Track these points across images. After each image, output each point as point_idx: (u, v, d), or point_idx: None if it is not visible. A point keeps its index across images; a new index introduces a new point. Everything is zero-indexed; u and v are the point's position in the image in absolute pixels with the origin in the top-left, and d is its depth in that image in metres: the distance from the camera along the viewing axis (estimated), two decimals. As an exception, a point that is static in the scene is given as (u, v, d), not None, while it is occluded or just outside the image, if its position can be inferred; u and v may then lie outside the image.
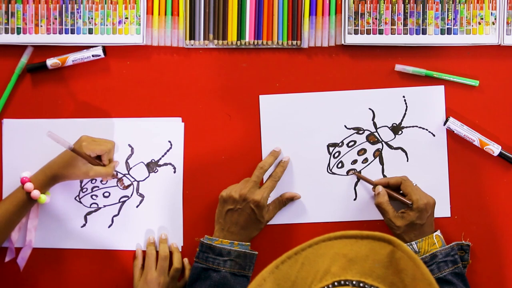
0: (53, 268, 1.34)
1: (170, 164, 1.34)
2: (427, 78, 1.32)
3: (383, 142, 1.33)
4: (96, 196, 1.34)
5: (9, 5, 1.32)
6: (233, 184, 1.29)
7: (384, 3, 1.32)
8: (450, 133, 1.32)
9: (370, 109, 1.33)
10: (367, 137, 1.33)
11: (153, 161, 1.34)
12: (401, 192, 1.29)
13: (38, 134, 1.33)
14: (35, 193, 1.24)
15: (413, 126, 1.33)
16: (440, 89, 1.33)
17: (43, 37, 1.33)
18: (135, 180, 1.34)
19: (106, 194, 1.34)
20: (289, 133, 1.33)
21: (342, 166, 1.33)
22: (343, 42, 1.32)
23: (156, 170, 1.34)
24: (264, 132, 1.34)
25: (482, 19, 1.31)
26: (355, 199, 1.34)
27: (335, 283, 0.77)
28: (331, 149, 1.33)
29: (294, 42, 1.33)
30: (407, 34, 1.32)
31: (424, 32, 1.32)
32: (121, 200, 1.34)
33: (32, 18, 1.32)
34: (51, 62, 1.31)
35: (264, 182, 1.31)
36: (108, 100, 1.34)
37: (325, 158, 1.34)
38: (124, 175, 1.34)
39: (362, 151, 1.34)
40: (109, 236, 1.34)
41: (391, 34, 1.32)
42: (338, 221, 1.34)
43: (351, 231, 0.83)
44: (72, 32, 1.33)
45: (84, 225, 1.34)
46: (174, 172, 1.34)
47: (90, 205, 1.34)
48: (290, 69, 1.34)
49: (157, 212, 1.34)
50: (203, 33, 1.34)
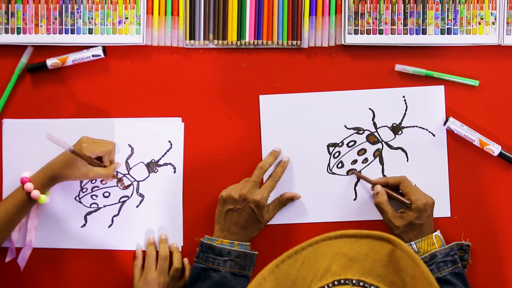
0: (53, 268, 1.34)
1: (170, 164, 1.34)
2: (427, 78, 1.32)
3: (383, 142, 1.33)
4: (96, 196, 1.34)
5: (9, 5, 1.32)
6: (233, 184, 1.29)
7: (384, 3, 1.32)
8: (450, 133, 1.32)
9: (370, 109, 1.33)
10: (367, 137, 1.33)
11: (153, 161, 1.34)
12: (400, 192, 1.29)
13: (38, 134, 1.33)
14: (35, 193, 1.24)
15: (413, 126, 1.33)
16: (440, 89, 1.33)
17: (43, 37, 1.32)
18: (135, 180, 1.34)
19: (106, 194, 1.34)
20: (289, 133, 1.33)
21: (342, 166, 1.33)
22: (343, 42, 1.32)
23: (156, 170, 1.34)
24: (264, 132, 1.34)
25: (482, 19, 1.31)
26: (355, 199, 1.34)
27: (335, 282, 0.77)
28: (331, 149, 1.33)
29: (294, 42, 1.33)
30: (407, 34, 1.32)
31: (424, 32, 1.32)
32: (121, 200, 1.34)
33: (32, 18, 1.32)
34: (51, 62, 1.31)
35: (264, 182, 1.31)
36: (108, 100, 1.34)
37: (325, 158, 1.34)
38: (124, 175, 1.34)
39: (362, 151, 1.34)
40: (109, 236, 1.34)
41: (391, 34, 1.32)
42: (338, 221, 1.34)
43: (351, 231, 0.83)
44: (72, 32, 1.33)
45: (84, 225, 1.34)
46: (174, 172, 1.34)
47: (90, 205, 1.34)
48: (290, 69, 1.34)
49: (157, 212, 1.34)
50: (203, 33, 1.34)
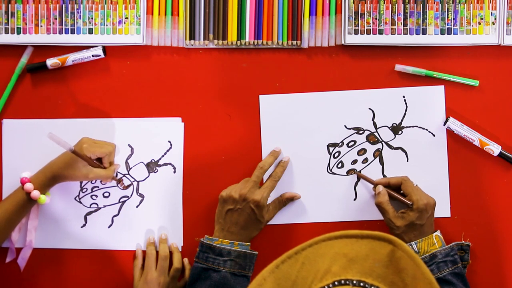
0: (53, 268, 1.34)
1: (170, 164, 1.34)
2: (427, 78, 1.32)
3: (383, 142, 1.33)
4: (96, 196, 1.34)
5: (9, 5, 1.32)
6: (233, 184, 1.29)
7: (384, 3, 1.32)
8: (450, 133, 1.32)
9: (370, 109, 1.33)
10: (367, 137, 1.33)
11: (153, 161, 1.34)
12: (401, 192, 1.29)
13: (38, 134, 1.33)
14: (35, 193, 1.24)
15: (413, 126, 1.33)
16: (440, 89, 1.33)
17: (43, 37, 1.32)
18: (135, 180, 1.34)
19: (106, 194, 1.34)
20: (289, 133, 1.33)
21: (342, 166, 1.33)
22: (343, 42, 1.32)
23: (156, 170, 1.34)
24: (264, 132, 1.34)
25: (482, 19, 1.31)
26: (355, 199, 1.34)
27: (336, 283, 0.77)
28: (331, 149, 1.33)
29: (294, 42, 1.33)
30: (407, 34, 1.32)
31: (424, 32, 1.32)
32: (121, 200, 1.34)
33: (32, 18, 1.32)
34: (51, 62, 1.31)
35: (264, 182, 1.31)
36: (108, 100, 1.34)
37: (325, 158, 1.34)
38: (124, 175, 1.34)
39: (362, 151, 1.34)
40: (109, 236, 1.34)
41: (391, 34, 1.32)
42: (338, 221, 1.34)
43: (351, 231, 0.83)
44: (72, 32, 1.33)
45: (84, 225, 1.34)
46: (174, 172, 1.34)
47: (90, 205, 1.34)
48: (290, 69, 1.34)
49: (157, 212, 1.34)
50: (203, 33, 1.34)
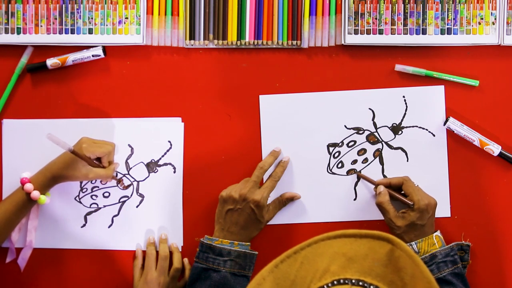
0: (53, 269, 1.34)
1: (170, 164, 1.34)
2: (427, 78, 1.32)
3: (383, 142, 1.33)
4: (96, 196, 1.34)
5: (9, 5, 1.32)
6: (233, 184, 1.29)
7: (384, 3, 1.32)
8: (450, 133, 1.32)
9: (370, 109, 1.33)
10: (367, 137, 1.33)
11: (153, 161, 1.34)
12: (402, 193, 1.29)
13: (38, 134, 1.33)
14: (35, 193, 1.24)
15: (413, 126, 1.33)
16: (440, 89, 1.33)
17: (43, 37, 1.32)
18: (135, 180, 1.34)
19: (106, 194, 1.34)
20: (289, 133, 1.33)
21: (342, 166, 1.33)
22: (343, 42, 1.32)
23: (156, 170, 1.34)
24: (264, 132, 1.34)
25: (482, 19, 1.31)
26: (355, 199, 1.34)
27: (335, 282, 0.77)
28: (331, 149, 1.33)
29: (294, 42, 1.33)
30: (407, 34, 1.32)
31: (424, 32, 1.32)
32: (121, 200, 1.34)
33: (32, 18, 1.32)
34: (51, 62, 1.31)
35: (264, 182, 1.31)
36: (108, 100, 1.34)
37: (325, 158, 1.34)
38: (124, 175, 1.34)
39: (362, 151, 1.33)
40: (109, 236, 1.34)
41: (391, 34, 1.32)
42: (338, 221, 1.34)
43: (350, 230, 0.83)
44: (72, 32, 1.33)
45: (84, 225, 1.34)
46: (174, 172, 1.34)
47: (90, 205, 1.34)
48: (290, 69, 1.34)
49: (157, 212, 1.34)
50: (203, 33, 1.34)
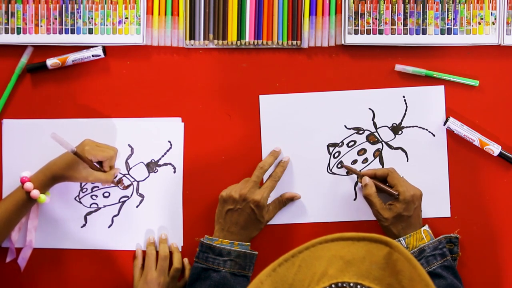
0: (53, 268, 1.34)
1: (170, 164, 1.34)
2: (427, 78, 1.32)
3: (383, 142, 1.33)
4: (96, 196, 1.34)
5: (9, 5, 1.32)
6: (233, 184, 1.29)
7: (384, 3, 1.32)
8: (450, 133, 1.32)
9: (370, 109, 1.33)
10: (367, 137, 1.33)
11: (153, 161, 1.34)
12: (388, 185, 1.28)
13: (38, 134, 1.33)
14: (34, 192, 1.24)
15: (413, 126, 1.33)
16: (440, 89, 1.33)
17: (43, 37, 1.32)
18: (135, 180, 1.34)
19: (106, 194, 1.34)
20: (289, 133, 1.33)
21: (342, 166, 1.33)
22: (343, 42, 1.32)
23: (156, 170, 1.34)
24: (264, 132, 1.34)
25: (482, 19, 1.31)
26: (355, 199, 1.34)
27: (332, 285, 0.77)
28: (331, 149, 1.33)
29: (294, 42, 1.33)
30: (407, 34, 1.32)
31: (424, 32, 1.32)
32: (121, 200, 1.34)
33: (32, 18, 1.32)
34: (51, 62, 1.31)
35: (264, 182, 1.31)
36: (108, 100, 1.34)
37: (325, 158, 1.34)
38: (124, 175, 1.34)
39: (362, 151, 1.33)
40: (109, 236, 1.34)
41: (391, 34, 1.32)
42: (338, 221, 1.33)
43: (348, 233, 0.82)
44: (72, 32, 1.33)
45: (84, 225, 1.34)
46: (174, 172, 1.34)
47: (90, 205, 1.34)
48: (290, 69, 1.34)
49: (157, 212, 1.34)
50: (203, 33, 1.34)
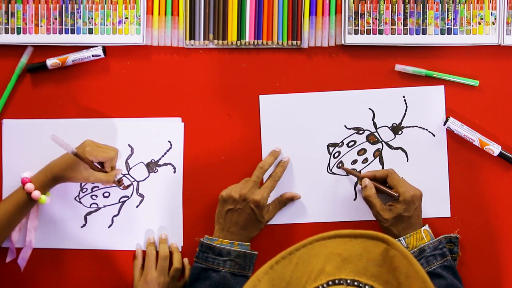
0: (53, 269, 1.34)
1: (170, 164, 1.34)
2: (427, 78, 1.32)
3: (383, 142, 1.33)
4: (96, 196, 1.34)
5: (9, 5, 1.33)
6: (233, 184, 1.29)
7: (384, 3, 1.32)
8: (450, 133, 1.32)
9: (370, 109, 1.33)
10: (367, 137, 1.33)
11: (153, 161, 1.34)
12: (388, 186, 1.28)
13: (38, 135, 1.33)
14: (35, 193, 1.24)
15: (413, 126, 1.33)
16: (440, 89, 1.33)
17: (43, 37, 1.33)
18: (135, 180, 1.34)
19: (106, 194, 1.34)
20: (289, 133, 1.33)
21: (342, 166, 1.33)
22: (343, 42, 1.32)
23: (156, 170, 1.34)
24: (264, 132, 1.34)
25: (482, 19, 1.31)
26: (355, 199, 1.33)
27: (330, 283, 0.77)
28: (331, 149, 1.33)
29: (294, 42, 1.33)
30: (407, 34, 1.32)
31: (424, 32, 1.32)
32: (121, 200, 1.34)
33: (32, 18, 1.33)
34: (51, 62, 1.32)
35: (264, 182, 1.31)
36: (108, 100, 1.34)
37: (325, 158, 1.34)
38: (124, 175, 1.34)
39: (362, 151, 1.33)
40: (109, 236, 1.34)
41: (391, 34, 1.32)
42: (338, 221, 1.33)
43: (345, 231, 0.82)
44: (72, 32, 1.33)
45: (84, 225, 1.34)
46: (174, 172, 1.34)
47: (90, 205, 1.34)
48: (290, 69, 1.34)
49: (157, 212, 1.34)
50: (203, 33, 1.34)
